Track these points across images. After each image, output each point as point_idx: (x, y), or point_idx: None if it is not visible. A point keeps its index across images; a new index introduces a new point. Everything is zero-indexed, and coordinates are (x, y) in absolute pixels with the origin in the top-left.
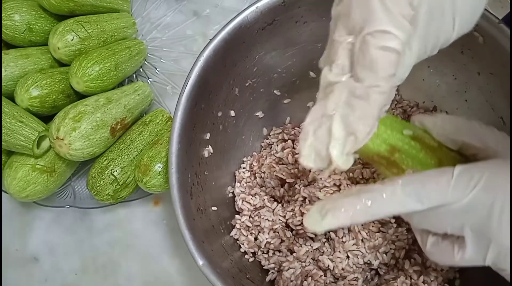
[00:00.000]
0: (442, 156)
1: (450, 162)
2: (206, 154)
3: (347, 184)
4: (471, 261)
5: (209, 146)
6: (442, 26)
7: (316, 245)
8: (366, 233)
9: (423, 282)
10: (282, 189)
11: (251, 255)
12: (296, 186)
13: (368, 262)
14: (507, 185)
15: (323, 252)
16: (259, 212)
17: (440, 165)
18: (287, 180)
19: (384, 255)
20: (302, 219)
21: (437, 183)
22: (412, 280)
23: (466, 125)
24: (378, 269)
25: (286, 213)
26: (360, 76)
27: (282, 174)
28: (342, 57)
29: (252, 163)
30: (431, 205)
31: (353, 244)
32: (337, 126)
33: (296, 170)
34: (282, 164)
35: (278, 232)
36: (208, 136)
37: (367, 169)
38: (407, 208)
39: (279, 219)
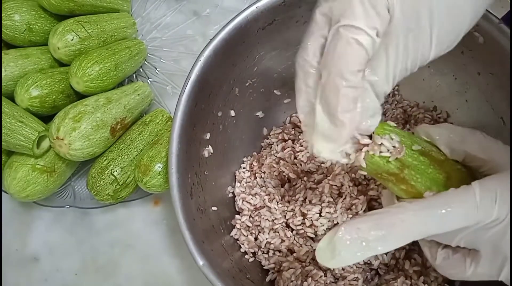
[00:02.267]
0: (450, 169)
1: (457, 175)
2: (206, 154)
3: (349, 186)
4: (484, 275)
5: (209, 146)
6: (419, 38)
7: (316, 245)
8: None
9: (423, 283)
10: (282, 189)
11: (251, 255)
12: (297, 185)
13: (368, 262)
14: None
15: None
16: (259, 212)
17: (448, 179)
18: (290, 176)
19: (384, 255)
20: (302, 219)
21: (463, 206)
22: (412, 281)
23: (471, 136)
24: (378, 269)
25: (286, 213)
26: (328, 65)
27: (285, 168)
28: (315, 44)
29: (252, 163)
30: (459, 227)
31: None
32: (319, 119)
33: (298, 169)
34: (285, 161)
35: (278, 232)
36: (208, 136)
37: None
38: (431, 232)
39: (279, 219)
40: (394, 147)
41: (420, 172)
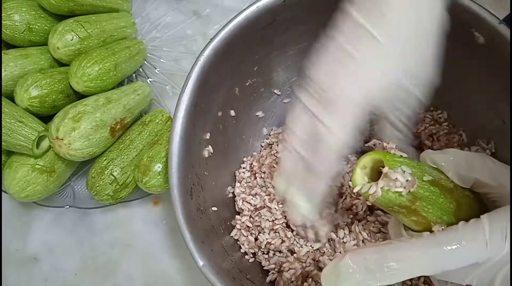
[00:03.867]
0: (459, 197)
1: (467, 202)
2: (206, 154)
3: (349, 186)
4: None
5: (209, 146)
6: None
7: (316, 245)
8: (367, 234)
9: (424, 283)
10: None
11: (251, 256)
12: None
13: None
14: None
15: (324, 252)
16: (259, 212)
17: (458, 208)
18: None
19: None
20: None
21: (472, 243)
22: (413, 281)
23: (480, 161)
24: None
25: (287, 213)
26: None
27: None
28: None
29: (252, 163)
30: (468, 264)
31: (354, 245)
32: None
33: None
34: None
35: (278, 233)
36: (208, 136)
37: None
38: (440, 269)
39: (280, 220)
40: (407, 180)
41: (432, 203)
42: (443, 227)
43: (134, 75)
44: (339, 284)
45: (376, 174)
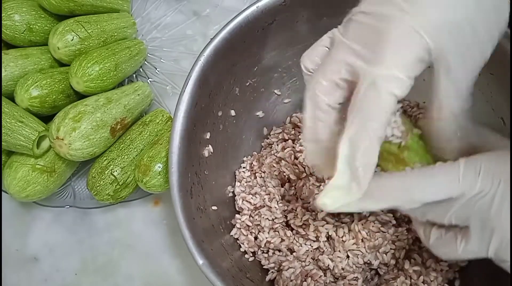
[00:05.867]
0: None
1: None
2: (206, 153)
3: None
4: (474, 252)
5: (209, 146)
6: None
7: (316, 244)
8: (366, 233)
9: (423, 282)
10: (282, 189)
11: (251, 255)
12: (298, 185)
13: (368, 262)
14: (507, 173)
15: (323, 251)
16: (259, 212)
17: None
18: (291, 177)
19: (384, 255)
20: (302, 218)
21: (446, 176)
22: (412, 280)
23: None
24: (378, 269)
25: (287, 213)
26: (358, 116)
27: (286, 168)
28: (332, 78)
29: (252, 163)
30: (441, 198)
31: (353, 244)
32: (341, 169)
33: (297, 169)
34: (286, 161)
35: (278, 231)
36: (208, 135)
37: None
38: (417, 200)
39: (280, 219)
40: (401, 132)
41: (419, 155)
42: (421, 165)
43: (134, 75)
44: (326, 198)
45: None
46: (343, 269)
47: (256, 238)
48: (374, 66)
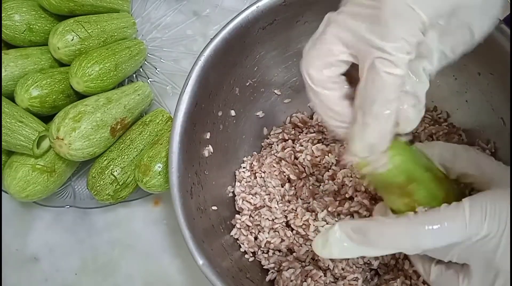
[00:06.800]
0: (448, 187)
1: (455, 194)
2: (206, 153)
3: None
4: None
5: (210, 146)
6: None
7: None
8: None
9: (423, 283)
10: (282, 189)
11: (251, 255)
12: (298, 185)
13: (368, 262)
14: (508, 215)
15: None
16: (259, 212)
17: (446, 196)
18: (291, 177)
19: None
20: (303, 219)
21: (452, 223)
22: (412, 281)
23: (464, 153)
24: (378, 269)
25: (287, 213)
26: (366, 101)
27: (286, 168)
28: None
29: (252, 163)
30: (448, 243)
31: None
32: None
33: (297, 170)
34: (286, 161)
35: (278, 232)
36: (208, 135)
37: None
38: (421, 247)
39: (280, 219)
40: None
41: (425, 187)
42: (426, 209)
43: (134, 75)
44: (325, 249)
45: None
46: (343, 269)
47: (256, 238)
48: (371, 43)
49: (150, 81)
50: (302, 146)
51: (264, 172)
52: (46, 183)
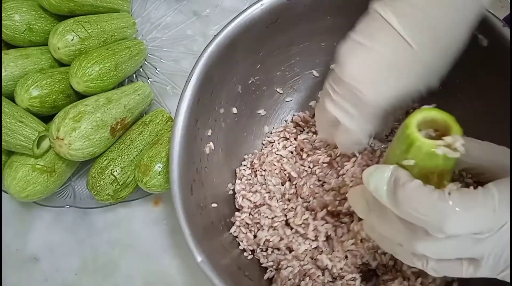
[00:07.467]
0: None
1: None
2: (207, 150)
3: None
4: (481, 276)
5: (211, 143)
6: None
7: (315, 244)
8: (366, 234)
9: (421, 284)
10: (283, 187)
11: (250, 253)
12: (298, 184)
13: (367, 262)
14: None
15: (322, 251)
16: (259, 210)
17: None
18: (292, 174)
19: (383, 256)
20: (302, 217)
21: (484, 206)
22: (410, 282)
23: (476, 143)
24: (376, 270)
25: (287, 212)
26: None
27: (288, 166)
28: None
29: (253, 161)
30: (475, 231)
31: (352, 244)
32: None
33: (298, 168)
34: (287, 159)
35: (277, 230)
36: (209, 132)
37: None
38: (447, 229)
39: (279, 217)
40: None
41: (449, 175)
42: (457, 186)
43: (134, 75)
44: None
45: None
46: (341, 269)
47: (255, 236)
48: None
49: (150, 81)
50: (303, 144)
51: (264, 170)
52: (46, 183)
